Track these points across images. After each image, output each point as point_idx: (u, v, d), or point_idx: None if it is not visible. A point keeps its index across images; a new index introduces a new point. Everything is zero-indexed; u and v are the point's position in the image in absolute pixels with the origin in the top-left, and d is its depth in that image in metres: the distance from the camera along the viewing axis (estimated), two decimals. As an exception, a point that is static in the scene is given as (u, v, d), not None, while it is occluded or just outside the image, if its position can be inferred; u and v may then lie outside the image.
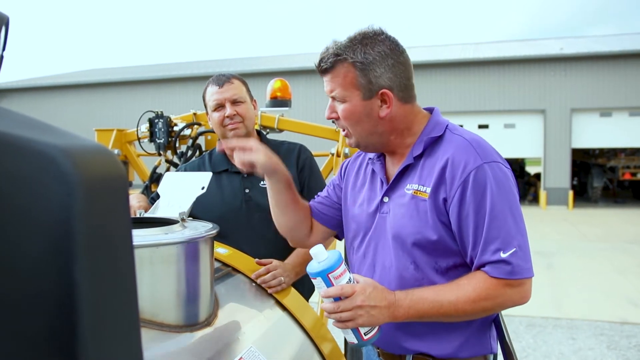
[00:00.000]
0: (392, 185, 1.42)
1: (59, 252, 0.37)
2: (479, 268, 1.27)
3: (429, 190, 1.32)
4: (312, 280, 1.26)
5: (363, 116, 1.35)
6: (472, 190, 1.25)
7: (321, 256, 1.24)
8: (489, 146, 1.33)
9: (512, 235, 1.23)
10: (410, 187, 1.37)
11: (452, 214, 1.28)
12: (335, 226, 1.63)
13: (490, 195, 1.24)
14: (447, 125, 1.40)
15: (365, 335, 1.27)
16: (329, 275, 1.22)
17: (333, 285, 1.22)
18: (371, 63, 1.32)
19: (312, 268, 1.25)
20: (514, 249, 1.22)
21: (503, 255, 1.22)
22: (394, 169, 1.45)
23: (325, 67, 1.35)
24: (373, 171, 1.53)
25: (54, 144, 0.38)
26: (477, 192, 1.25)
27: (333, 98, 1.39)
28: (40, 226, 0.37)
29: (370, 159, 1.54)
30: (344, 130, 1.42)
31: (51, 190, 0.37)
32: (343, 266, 1.24)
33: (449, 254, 1.33)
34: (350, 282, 1.24)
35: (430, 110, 1.47)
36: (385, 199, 1.43)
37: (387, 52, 1.33)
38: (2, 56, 0.54)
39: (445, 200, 1.29)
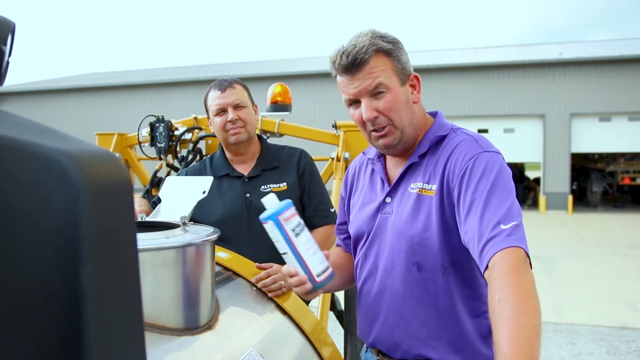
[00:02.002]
0: (395, 185, 1.41)
1: (65, 256, 0.37)
2: (482, 248, 1.14)
3: (434, 187, 1.31)
4: (265, 227, 1.30)
5: (404, 104, 1.35)
6: (471, 172, 1.23)
7: (272, 202, 1.30)
8: (490, 142, 1.33)
9: (512, 214, 1.16)
10: (414, 186, 1.36)
11: (455, 199, 1.26)
12: None
13: (488, 176, 1.21)
14: (451, 127, 1.41)
15: (317, 277, 1.32)
16: (279, 217, 1.27)
17: (284, 228, 1.27)
18: (398, 50, 1.36)
19: (263, 214, 1.30)
20: (515, 223, 1.15)
21: (504, 227, 1.13)
22: (395, 170, 1.45)
23: (364, 59, 1.29)
24: (372, 172, 1.52)
25: (60, 149, 0.38)
26: (475, 174, 1.23)
27: (371, 94, 1.32)
28: (46, 230, 0.37)
29: (370, 159, 1.53)
30: (381, 130, 1.34)
31: (57, 194, 0.37)
32: (292, 209, 1.30)
33: (452, 252, 1.31)
34: (300, 225, 1.30)
35: (434, 114, 1.48)
36: (388, 200, 1.42)
37: (401, 43, 1.38)
38: (8, 62, 0.55)
39: (450, 194, 1.28)
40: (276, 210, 1.28)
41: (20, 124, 0.41)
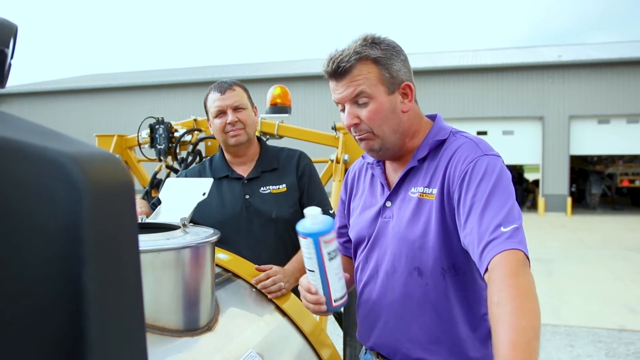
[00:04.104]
0: (395, 190, 1.41)
1: (68, 257, 0.37)
2: (482, 251, 1.14)
3: (435, 191, 1.31)
4: (301, 239, 1.26)
5: (389, 113, 1.34)
6: (471, 176, 1.23)
7: (317, 218, 1.24)
8: (490, 145, 1.33)
9: (512, 217, 1.16)
10: (415, 190, 1.36)
11: (455, 202, 1.26)
12: None
13: (489, 179, 1.21)
14: (450, 130, 1.41)
15: (335, 302, 1.32)
16: (320, 239, 1.23)
17: (321, 249, 1.24)
18: (390, 58, 1.34)
19: (304, 227, 1.24)
20: (515, 225, 1.14)
21: (504, 230, 1.13)
22: (395, 174, 1.45)
23: (346, 67, 1.30)
24: (372, 176, 1.52)
25: (62, 151, 0.38)
26: (475, 177, 1.23)
27: (354, 101, 1.33)
28: (49, 232, 0.38)
29: (369, 164, 1.53)
30: (362, 134, 1.36)
31: (60, 196, 0.37)
32: (334, 233, 1.26)
33: (453, 256, 1.31)
34: (336, 250, 1.27)
35: (433, 117, 1.48)
36: (388, 204, 1.42)
37: (398, 48, 1.37)
38: (10, 64, 0.55)
39: (450, 198, 1.28)
40: (320, 230, 1.23)
41: (22, 126, 0.42)
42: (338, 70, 1.32)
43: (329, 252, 1.26)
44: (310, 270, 1.30)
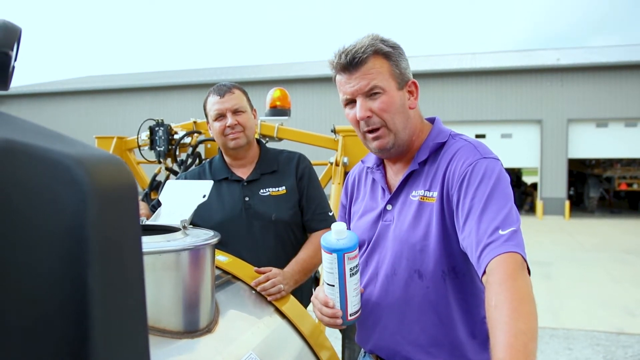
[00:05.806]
0: (396, 193, 1.42)
1: (72, 260, 0.38)
2: (480, 253, 1.15)
3: (436, 194, 1.32)
4: (325, 254, 1.27)
5: (399, 107, 1.36)
6: (470, 178, 1.24)
7: (343, 234, 1.26)
8: (489, 148, 1.34)
9: (511, 220, 1.16)
10: (416, 193, 1.37)
11: (454, 205, 1.27)
12: None
13: (487, 182, 1.22)
14: (450, 133, 1.42)
15: (350, 316, 1.33)
16: (345, 255, 1.25)
17: (344, 265, 1.25)
18: (398, 55, 1.37)
19: (329, 243, 1.26)
20: (513, 228, 1.15)
21: (502, 232, 1.14)
22: (395, 177, 1.46)
23: (362, 58, 1.31)
24: (373, 180, 1.53)
25: (66, 153, 0.38)
26: (474, 180, 1.23)
27: (366, 94, 1.34)
28: (53, 234, 0.38)
29: (369, 168, 1.54)
30: (375, 131, 1.36)
31: (64, 198, 0.38)
32: (357, 250, 1.29)
33: (453, 259, 1.31)
34: (358, 266, 1.29)
35: (431, 120, 1.49)
36: (389, 207, 1.43)
37: (402, 49, 1.40)
38: (13, 66, 0.55)
39: (450, 200, 1.29)
40: (345, 246, 1.25)
41: (26, 127, 0.42)
42: (353, 62, 1.32)
43: (351, 268, 1.28)
44: (329, 285, 1.31)
